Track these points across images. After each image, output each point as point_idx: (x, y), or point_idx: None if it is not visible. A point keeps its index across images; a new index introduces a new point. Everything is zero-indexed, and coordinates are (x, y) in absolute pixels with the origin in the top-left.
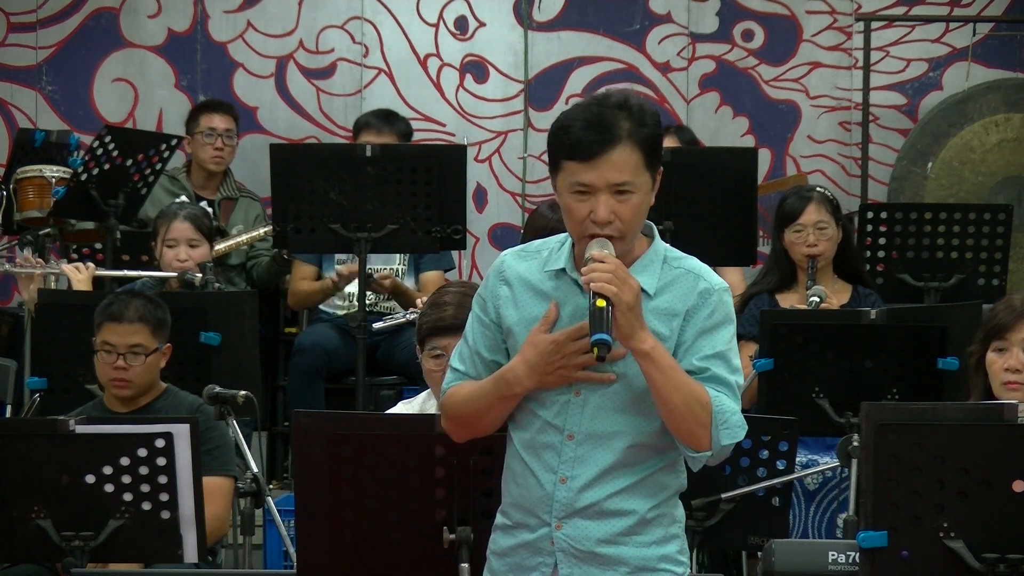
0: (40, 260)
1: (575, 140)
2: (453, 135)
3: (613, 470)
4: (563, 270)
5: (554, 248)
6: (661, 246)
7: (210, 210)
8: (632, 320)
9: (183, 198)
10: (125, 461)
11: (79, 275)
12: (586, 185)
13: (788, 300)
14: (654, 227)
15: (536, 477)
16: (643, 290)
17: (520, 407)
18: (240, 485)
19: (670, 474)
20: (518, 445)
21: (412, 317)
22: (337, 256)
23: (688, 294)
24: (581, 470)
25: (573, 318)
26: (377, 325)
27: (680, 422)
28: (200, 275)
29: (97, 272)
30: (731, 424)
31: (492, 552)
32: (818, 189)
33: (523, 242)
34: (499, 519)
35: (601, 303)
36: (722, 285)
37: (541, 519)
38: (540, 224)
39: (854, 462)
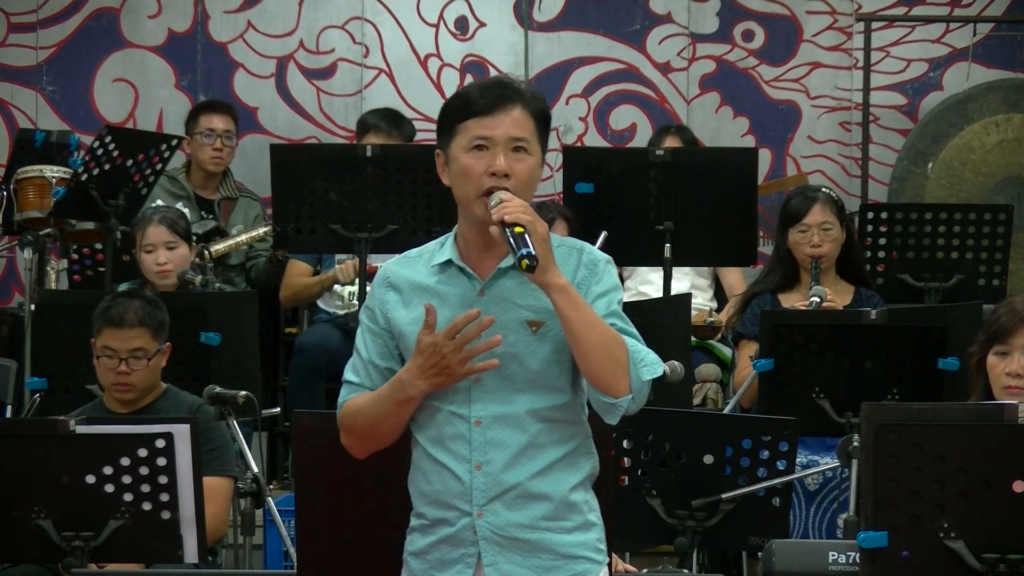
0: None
1: (475, 98)
2: None
3: (528, 450)
4: (448, 262)
5: (434, 249)
6: None
7: (187, 211)
8: (547, 252)
9: (158, 202)
10: (125, 461)
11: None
12: (485, 138)
13: (791, 300)
14: None
15: (449, 469)
16: None
17: (421, 406)
18: (240, 485)
19: (584, 455)
20: (425, 444)
21: None
22: (337, 256)
23: (575, 266)
24: (495, 454)
25: (461, 307)
26: None
27: (599, 363)
28: (200, 275)
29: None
30: (649, 361)
31: (410, 554)
32: (823, 190)
33: None
34: (414, 521)
35: (519, 229)
36: (606, 257)
37: (461, 510)
38: None
39: (854, 462)
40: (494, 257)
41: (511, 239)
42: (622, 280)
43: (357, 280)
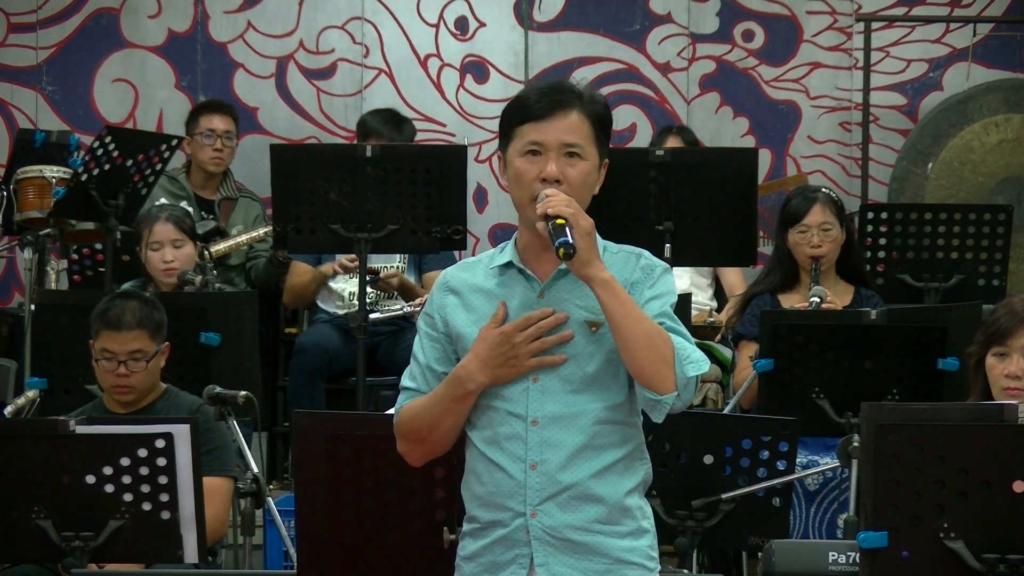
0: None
1: (531, 103)
2: (453, 135)
3: (584, 451)
4: (509, 263)
5: (494, 253)
6: (600, 241)
7: (190, 209)
8: (590, 246)
9: (162, 200)
10: (125, 461)
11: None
12: (538, 144)
13: (791, 300)
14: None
15: (504, 470)
16: None
17: (477, 408)
18: (240, 485)
19: (639, 460)
20: (480, 445)
21: (409, 310)
22: (337, 256)
23: (632, 269)
24: (551, 453)
25: (522, 309)
26: (374, 316)
27: (644, 359)
28: (200, 275)
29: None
30: (694, 358)
31: (462, 558)
32: (823, 190)
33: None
34: (467, 526)
35: (561, 221)
36: (664, 265)
37: (515, 511)
38: None
39: (854, 462)
40: (552, 259)
41: (551, 230)
42: None
43: (357, 279)
